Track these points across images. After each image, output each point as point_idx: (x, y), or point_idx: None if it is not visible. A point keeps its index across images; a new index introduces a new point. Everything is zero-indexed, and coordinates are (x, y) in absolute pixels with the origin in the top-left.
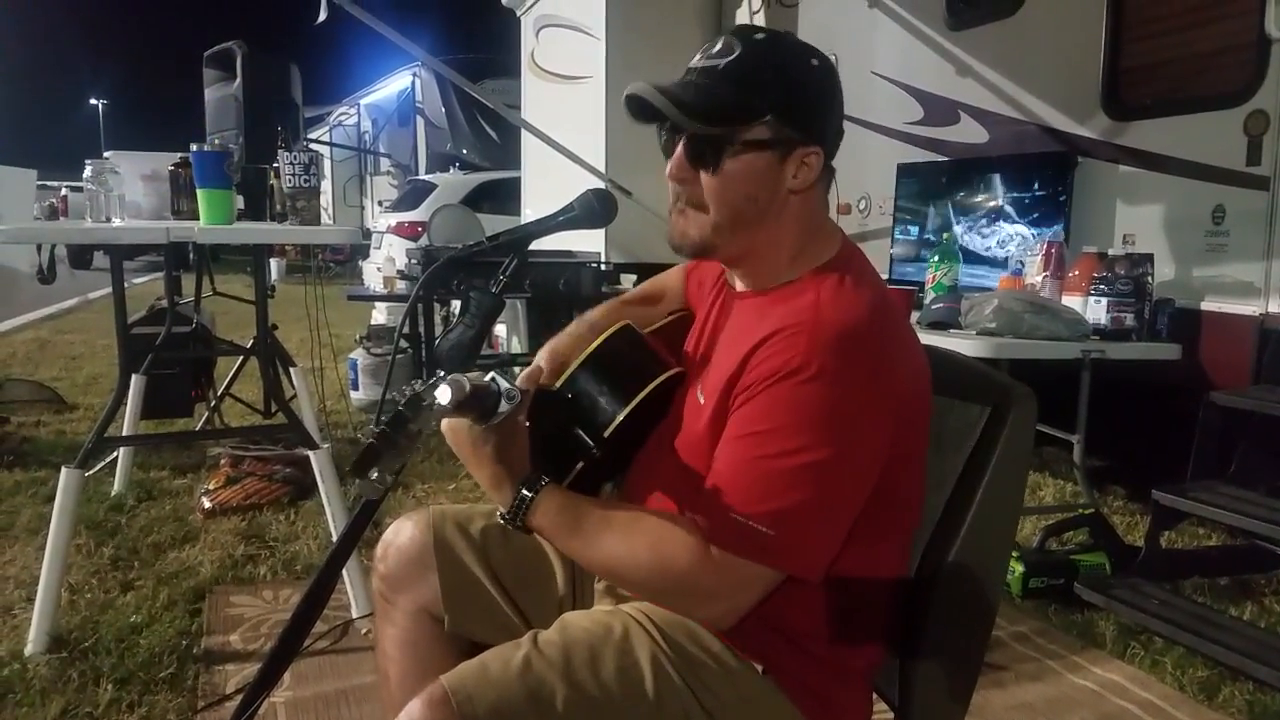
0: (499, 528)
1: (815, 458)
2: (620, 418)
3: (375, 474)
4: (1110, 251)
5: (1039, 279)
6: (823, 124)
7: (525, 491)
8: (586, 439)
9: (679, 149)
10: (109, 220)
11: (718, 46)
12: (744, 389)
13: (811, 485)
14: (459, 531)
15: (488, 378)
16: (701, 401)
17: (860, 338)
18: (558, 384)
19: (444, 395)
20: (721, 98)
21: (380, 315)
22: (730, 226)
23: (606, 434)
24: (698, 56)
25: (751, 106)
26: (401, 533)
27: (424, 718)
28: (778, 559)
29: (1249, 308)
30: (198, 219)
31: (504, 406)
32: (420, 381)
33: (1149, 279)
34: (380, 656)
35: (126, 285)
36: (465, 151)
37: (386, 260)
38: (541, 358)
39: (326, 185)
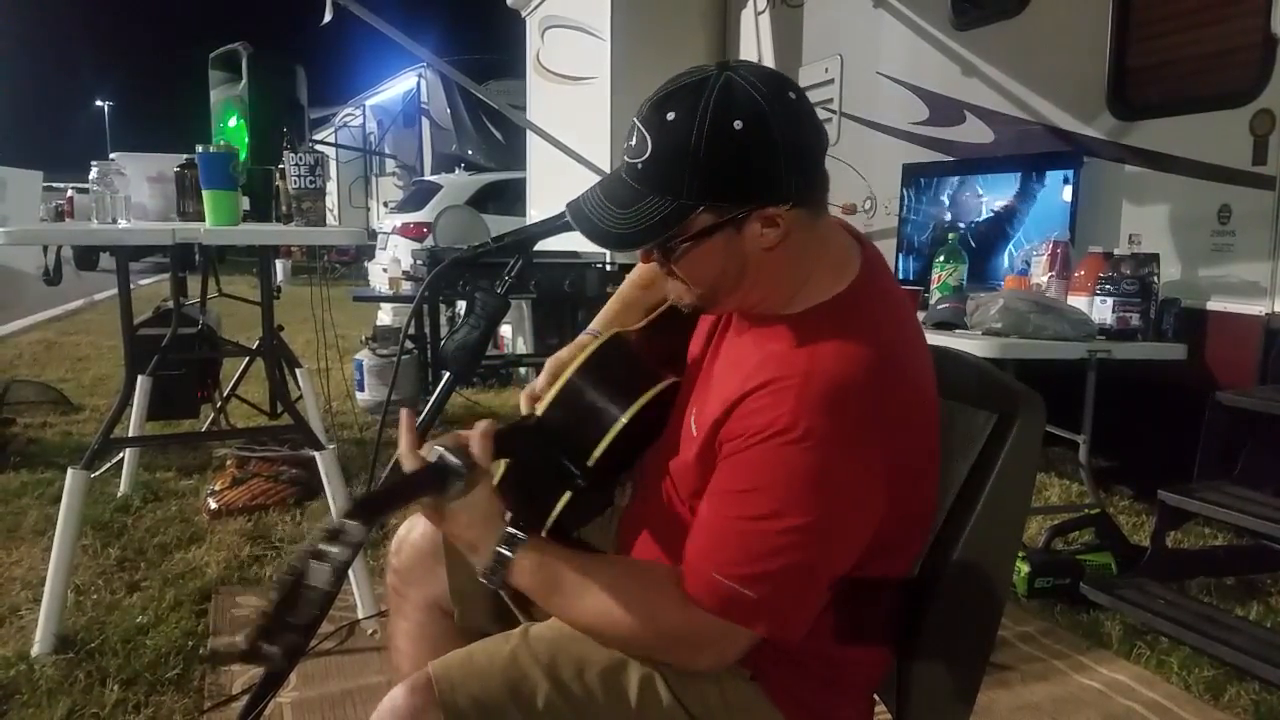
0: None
1: (798, 522)
2: (603, 445)
3: (274, 648)
4: (1116, 251)
5: (1044, 279)
6: (772, 181)
7: (504, 551)
8: (572, 469)
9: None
10: (115, 222)
11: (634, 140)
12: (730, 439)
13: (793, 550)
14: None
15: (434, 456)
16: (695, 433)
17: (851, 396)
18: (540, 409)
19: (319, 577)
20: (648, 212)
21: (386, 316)
22: (713, 295)
23: (590, 462)
24: (625, 145)
25: (680, 207)
26: (415, 528)
27: (405, 703)
28: (757, 622)
29: (1255, 307)
30: (203, 220)
31: (454, 485)
32: (319, 536)
33: (1155, 279)
34: (393, 650)
35: (132, 287)
36: (470, 152)
37: (392, 261)
38: (545, 371)
39: (332, 186)
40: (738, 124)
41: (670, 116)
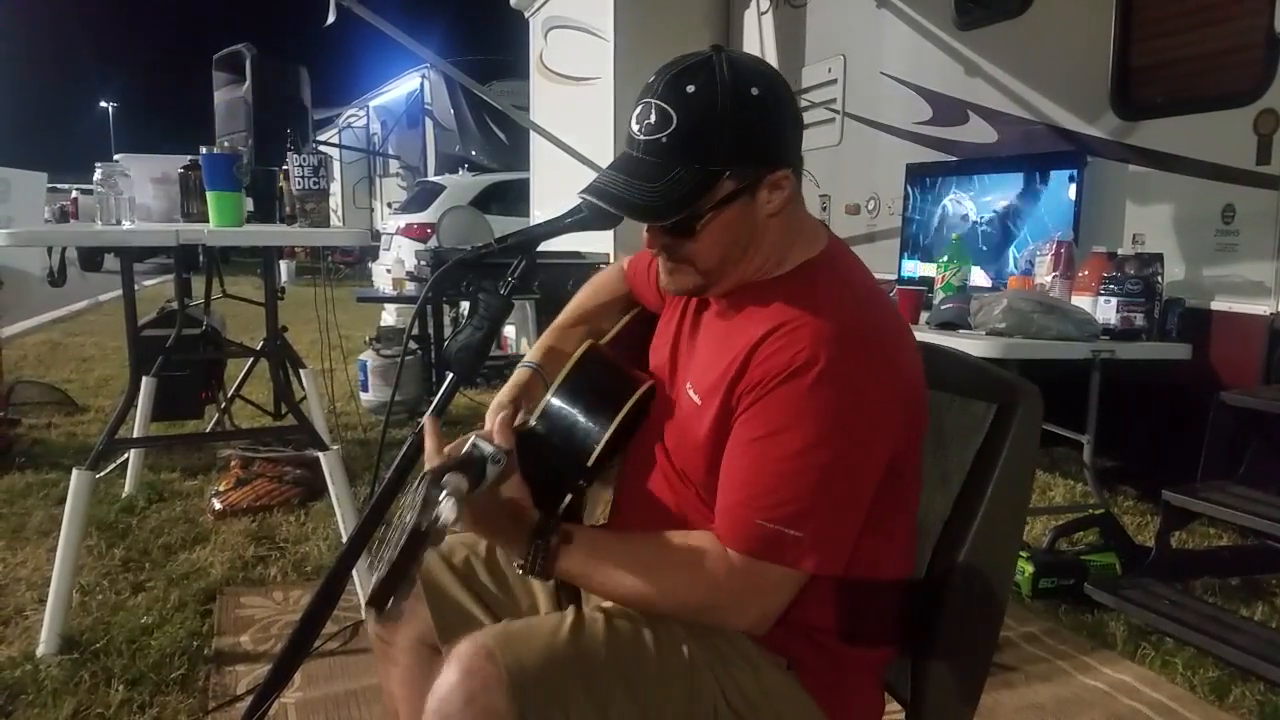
0: (479, 555)
1: (830, 454)
2: (600, 447)
3: (392, 603)
4: (1120, 251)
5: (1048, 279)
6: (782, 145)
7: (539, 540)
8: (573, 473)
9: (647, 231)
10: (119, 223)
11: (653, 118)
12: (750, 388)
13: (830, 482)
14: (443, 562)
15: (468, 445)
16: (698, 402)
17: (861, 329)
18: (532, 421)
19: (449, 511)
20: (676, 184)
21: (390, 317)
22: (720, 269)
23: (590, 463)
24: (636, 126)
25: (708, 174)
26: None
27: (469, 654)
28: (806, 559)
29: (1259, 307)
30: (207, 221)
31: (491, 470)
32: (414, 490)
33: (1159, 279)
34: (388, 698)
35: (136, 288)
36: (474, 153)
37: (396, 262)
38: (499, 406)
39: (336, 187)
40: (754, 90)
41: (690, 89)
